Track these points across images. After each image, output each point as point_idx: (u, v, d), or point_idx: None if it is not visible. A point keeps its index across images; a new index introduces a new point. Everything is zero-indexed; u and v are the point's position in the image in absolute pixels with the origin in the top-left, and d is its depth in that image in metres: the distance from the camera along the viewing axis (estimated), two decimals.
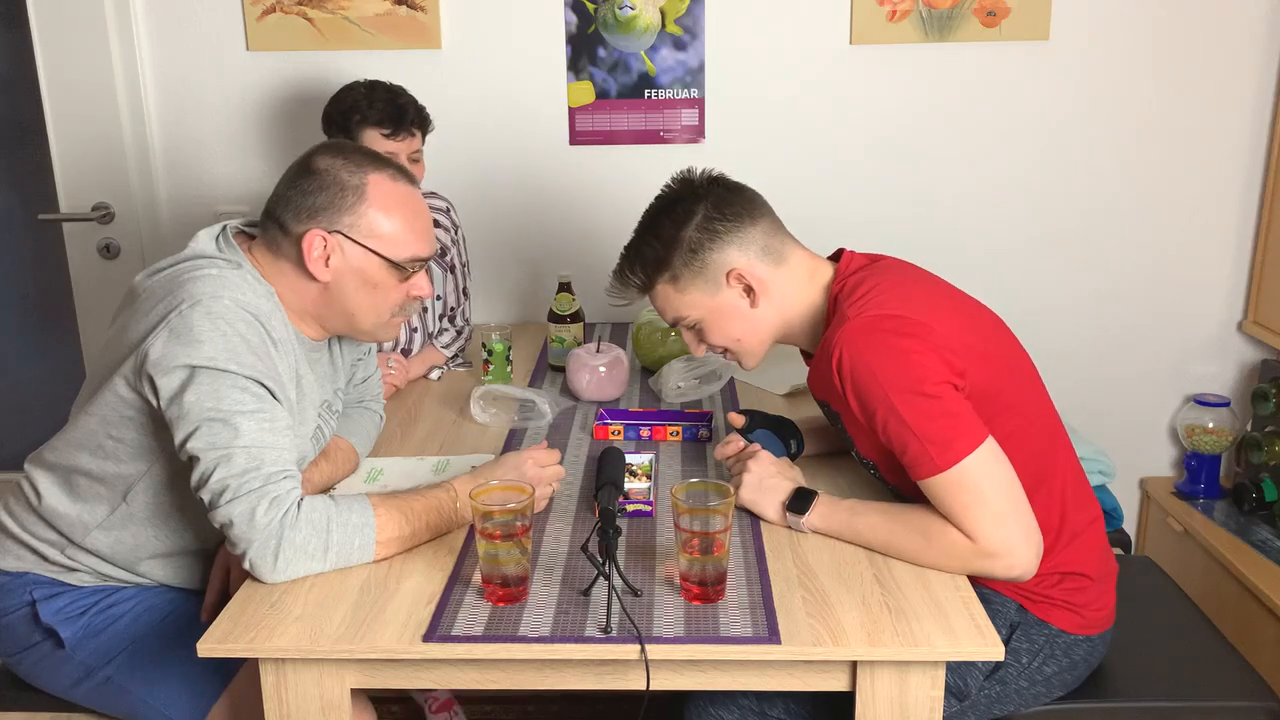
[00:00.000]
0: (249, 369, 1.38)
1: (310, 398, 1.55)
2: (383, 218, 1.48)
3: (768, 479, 1.54)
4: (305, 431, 1.54)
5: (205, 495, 1.36)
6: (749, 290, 1.54)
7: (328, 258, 1.47)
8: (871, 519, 1.44)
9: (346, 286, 1.50)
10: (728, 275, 1.53)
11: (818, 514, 1.47)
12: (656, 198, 1.59)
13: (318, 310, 1.53)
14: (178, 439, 1.37)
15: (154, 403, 1.39)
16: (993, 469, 1.36)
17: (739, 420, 1.69)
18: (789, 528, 1.50)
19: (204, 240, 1.52)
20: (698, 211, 1.53)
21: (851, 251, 1.59)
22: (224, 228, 1.55)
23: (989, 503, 1.35)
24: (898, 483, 1.50)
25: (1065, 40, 2.48)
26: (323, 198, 1.47)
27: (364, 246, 1.48)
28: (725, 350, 1.61)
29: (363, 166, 1.49)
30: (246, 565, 1.35)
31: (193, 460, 1.37)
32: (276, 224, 1.49)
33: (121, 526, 1.53)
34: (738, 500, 1.52)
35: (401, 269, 1.50)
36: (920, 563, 1.39)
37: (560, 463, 1.58)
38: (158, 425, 1.43)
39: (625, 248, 1.60)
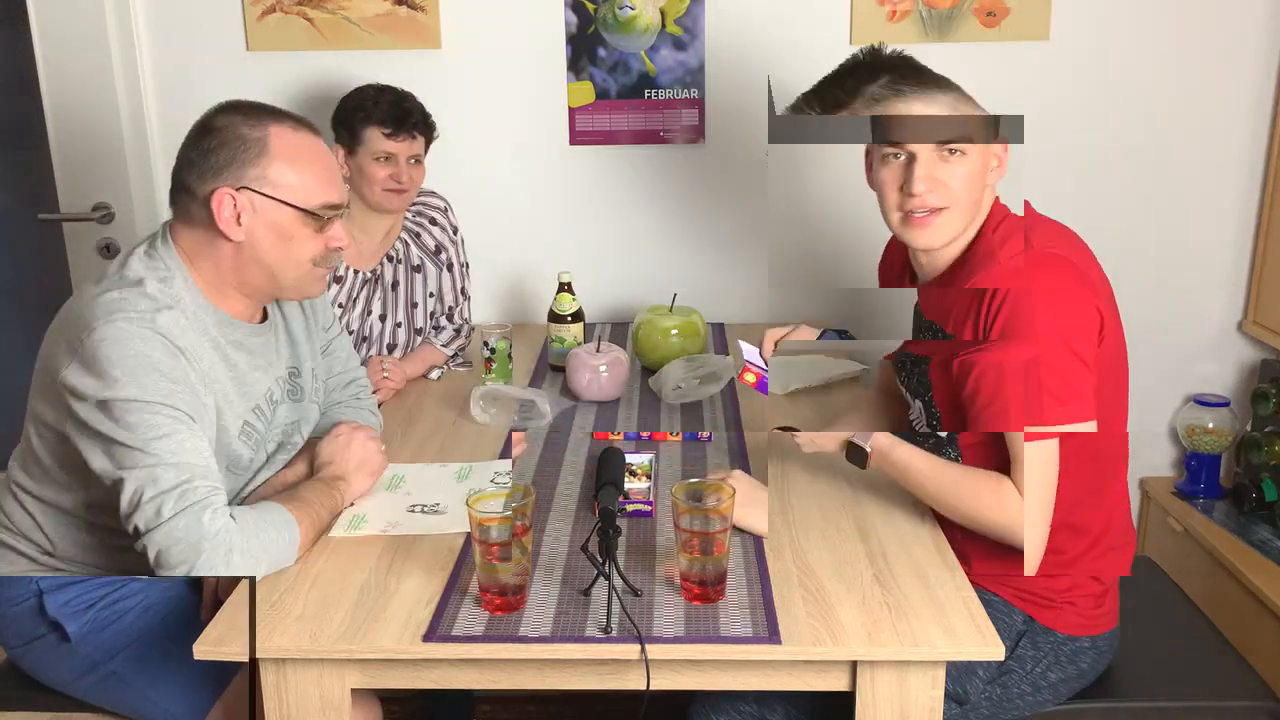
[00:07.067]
0: (151, 393, 1.35)
1: (239, 391, 1.52)
2: (288, 169, 1.46)
3: (753, 492, 1.51)
4: (234, 430, 1.51)
5: (135, 520, 1.34)
6: (997, 164, 1.56)
7: (239, 216, 1.45)
8: (934, 458, 1.49)
9: (261, 243, 1.47)
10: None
11: (879, 453, 1.51)
12: None
13: (238, 275, 1.50)
14: (96, 467, 1.37)
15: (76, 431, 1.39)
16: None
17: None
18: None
19: (136, 257, 1.48)
20: None
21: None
22: (164, 225, 1.53)
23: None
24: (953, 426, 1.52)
25: (1065, 40, 2.48)
26: (225, 154, 1.44)
27: (275, 199, 1.46)
28: (942, 208, 1.50)
29: (262, 119, 1.48)
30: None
31: (116, 485, 1.35)
32: (184, 190, 1.47)
33: (100, 538, 1.53)
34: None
35: (316, 217, 1.48)
36: (989, 507, 1.42)
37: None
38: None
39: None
